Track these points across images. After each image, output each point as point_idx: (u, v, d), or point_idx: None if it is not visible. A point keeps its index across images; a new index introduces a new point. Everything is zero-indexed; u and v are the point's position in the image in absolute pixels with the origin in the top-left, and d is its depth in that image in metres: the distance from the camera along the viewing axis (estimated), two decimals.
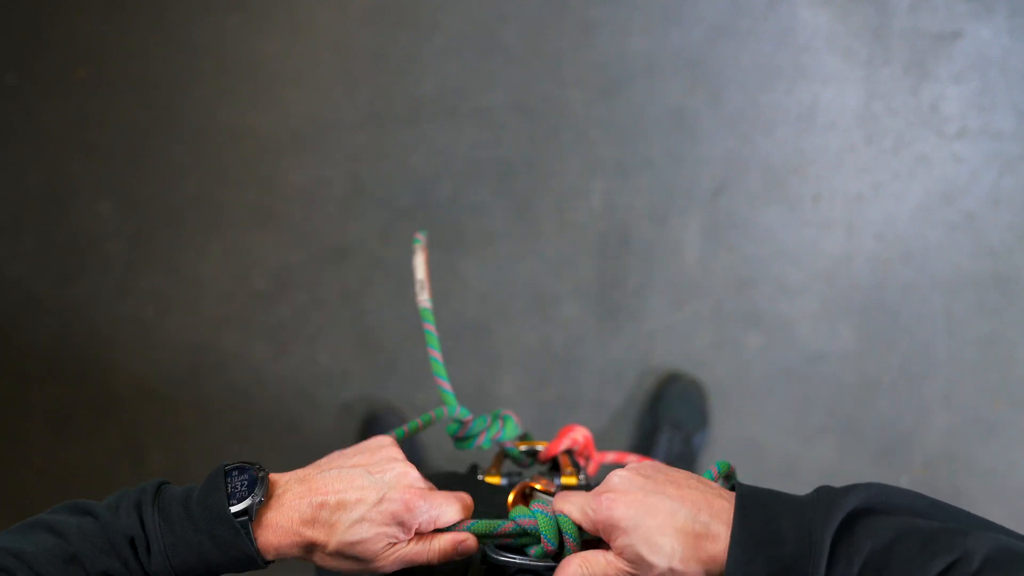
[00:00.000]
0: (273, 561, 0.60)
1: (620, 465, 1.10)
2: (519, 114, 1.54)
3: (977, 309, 1.50)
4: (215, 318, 1.60)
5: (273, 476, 0.61)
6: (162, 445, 1.61)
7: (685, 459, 1.48)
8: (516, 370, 1.56)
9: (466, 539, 0.61)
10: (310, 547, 0.58)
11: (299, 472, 0.62)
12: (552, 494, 0.65)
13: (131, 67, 1.59)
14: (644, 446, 1.50)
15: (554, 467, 0.82)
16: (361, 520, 0.57)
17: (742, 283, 1.53)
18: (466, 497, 0.64)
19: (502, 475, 0.80)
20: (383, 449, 0.63)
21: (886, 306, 1.51)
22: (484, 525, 0.62)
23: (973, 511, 0.55)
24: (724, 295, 1.53)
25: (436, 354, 0.73)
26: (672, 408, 1.49)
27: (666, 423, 1.48)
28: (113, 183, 1.60)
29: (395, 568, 0.60)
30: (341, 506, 0.57)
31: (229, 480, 0.58)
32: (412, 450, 1.53)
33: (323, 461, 0.63)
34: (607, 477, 0.59)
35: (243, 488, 0.58)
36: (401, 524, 0.58)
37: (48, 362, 1.62)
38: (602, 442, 1.56)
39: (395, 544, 0.59)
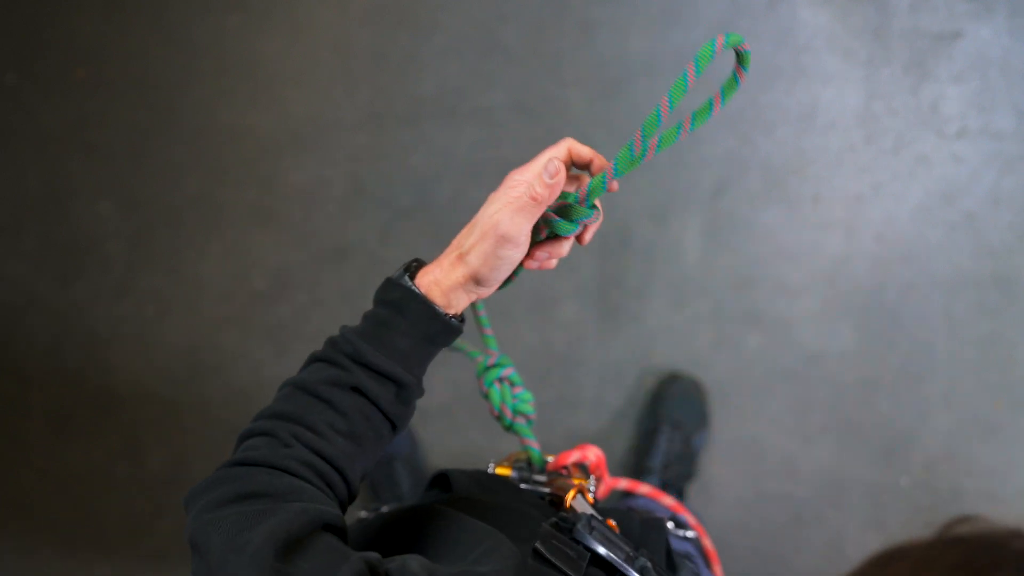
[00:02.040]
0: (458, 320, 0.67)
1: (632, 494, 1.10)
2: (519, 114, 1.54)
3: (977, 309, 1.50)
4: (215, 318, 1.60)
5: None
6: (162, 445, 1.61)
7: (685, 459, 1.48)
8: (516, 370, 1.56)
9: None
10: (468, 277, 0.66)
11: None
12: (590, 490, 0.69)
13: (131, 67, 1.59)
14: (644, 446, 1.50)
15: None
16: (498, 210, 0.65)
17: (742, 283, 1.53)
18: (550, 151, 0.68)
19: (513, 468, 0.85)
20: None
21: (886, 306, 1.51)
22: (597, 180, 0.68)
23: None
24: (724, 295, 1.53)
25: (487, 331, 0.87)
26: (672, 408, 1.48)
27: (666, 423, 1.48)
28: (113, 183, 1.60)
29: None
30: (472, 224, 0.66)
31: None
32: (414, 448, 1.53)
33: None
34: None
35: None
36: (534, 202, 0.65)
37: (48, 362, 1.62)
38: (601, 442, 1.56)
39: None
